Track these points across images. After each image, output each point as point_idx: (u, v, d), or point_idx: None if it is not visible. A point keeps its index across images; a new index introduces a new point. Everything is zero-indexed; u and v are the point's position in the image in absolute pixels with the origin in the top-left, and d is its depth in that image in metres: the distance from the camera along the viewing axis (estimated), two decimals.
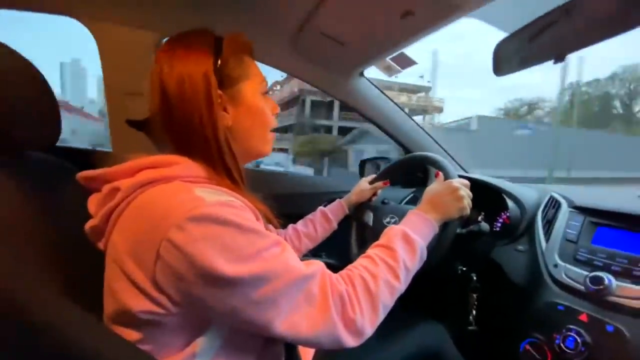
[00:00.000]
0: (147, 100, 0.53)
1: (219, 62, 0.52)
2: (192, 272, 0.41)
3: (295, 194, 1.36)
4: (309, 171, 13.88)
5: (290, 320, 0.45)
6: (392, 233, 0.61)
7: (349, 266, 0.55)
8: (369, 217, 0.97)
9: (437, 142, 1.38)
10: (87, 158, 0.52)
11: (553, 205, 0.87)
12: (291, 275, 0.45)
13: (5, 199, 0.48)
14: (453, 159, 1.32)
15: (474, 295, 0.87)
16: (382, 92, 1.26)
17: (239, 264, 0.42)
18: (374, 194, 1.00)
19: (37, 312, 0.38)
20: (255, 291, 0.43)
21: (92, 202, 0.50)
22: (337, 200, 0.98)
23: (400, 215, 0.88)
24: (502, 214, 0.97)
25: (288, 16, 0.94)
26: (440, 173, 0.77)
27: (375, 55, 1.01)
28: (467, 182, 0.73)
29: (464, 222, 0.77)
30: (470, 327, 0.86)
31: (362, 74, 1.20)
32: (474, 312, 0.86)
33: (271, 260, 0.45)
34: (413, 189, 1.36)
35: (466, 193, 0.70)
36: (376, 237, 0.92)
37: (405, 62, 1.00)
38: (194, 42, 0.53)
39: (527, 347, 0.66)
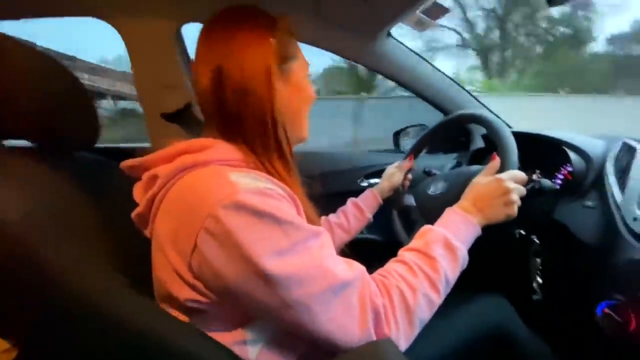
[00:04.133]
0: (182, 89, 0.52)
1: (274, 39, 0.51)
2: (225, 263, 0.41)
3: (332, 171, 1.31)
4: None
5: (326, 329, 0.42)
6: (431, 237, 0.54)
7: (383, 271, 0.50)
8: (410, 199, 0.91)
9: (482, 104, 1.27)
10: (129, 156, 0.52)
11: (627, 152, 0.76)
12: (327, 280, 0.42)
13: (62, 197, 0.49)
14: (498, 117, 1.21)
15: (538, 260, 0.78)
16: (412, 50, 1.17)
17: (273, 258, 0.40)
18: (405, 176, 0.95)
19: (99, 298, 0.41)
20: (288, 293, 0.41)
21: (137, 190, 0.51)
22: (368, 189, 0.92)
23: (448, 181, 0.82)
24: (562, 168, 0.87)
25: None
26: (497, 158, 0.66)
27: (406, 7, 0.90)
28: (522, 177, 0.63)
29: None
30: (534, 296, 0.78)
31: (389, 34, 1.11)
32: (539, 279, 0.78)
33: (307, 258, 0.42)
34: (455, 155, 1.27)
35: (518, 197, 0.61)
36: (424, 214, 0.87)
37: (439, 11, 0.89)
38: (248, 20, 0.52)
39: (607, 310, 0.58)
